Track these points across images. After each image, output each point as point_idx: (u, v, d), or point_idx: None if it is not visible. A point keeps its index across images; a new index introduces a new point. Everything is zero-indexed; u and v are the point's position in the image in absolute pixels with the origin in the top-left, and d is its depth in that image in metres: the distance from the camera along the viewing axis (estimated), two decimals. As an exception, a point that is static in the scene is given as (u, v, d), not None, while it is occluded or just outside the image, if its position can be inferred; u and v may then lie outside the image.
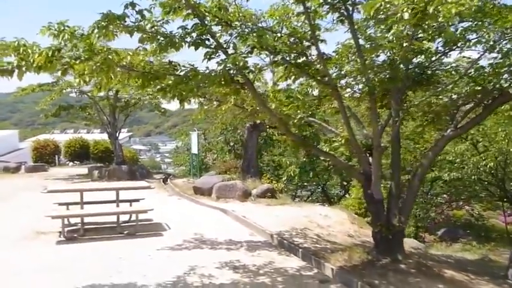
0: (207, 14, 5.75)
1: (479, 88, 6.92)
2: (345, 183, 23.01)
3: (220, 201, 12.61)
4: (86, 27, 5.69)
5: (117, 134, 20.36)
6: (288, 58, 6.55)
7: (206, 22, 5.78)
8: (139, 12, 5.31)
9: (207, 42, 5.70)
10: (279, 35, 6.39)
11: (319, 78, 6.62)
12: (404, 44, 5.31)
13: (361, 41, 6.64)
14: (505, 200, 18.52)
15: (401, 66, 6.40)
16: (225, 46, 5.91)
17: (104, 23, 5.31)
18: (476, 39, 6.40)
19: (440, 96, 7.92)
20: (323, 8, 6.53)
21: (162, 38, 5.56)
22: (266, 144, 23.22)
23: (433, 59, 7.17)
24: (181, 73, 5.95)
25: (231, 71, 5.57)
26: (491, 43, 6.32)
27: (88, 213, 9.12)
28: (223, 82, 5.50)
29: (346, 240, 8.99)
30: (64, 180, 18.39)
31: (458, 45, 6.38)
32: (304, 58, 6.76)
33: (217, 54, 5.76)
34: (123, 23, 5.26)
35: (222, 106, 7.24)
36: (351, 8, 6.33)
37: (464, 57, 7.06)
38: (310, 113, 8.00)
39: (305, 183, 22.32)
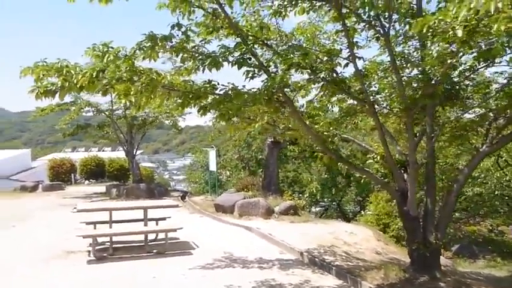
0: (249, 33, 5.80)
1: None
2: (360, 199, 22.89)
3: (243, 219, 12.55)
4: (128, 47, 5.78)
5: (134, 152, 20.45)
6: (323, 75, 6.58)
7: (248, 42, 5.83)
8: (184, 33, 5.38)
9: (249, 61, 5.73)
10: (316, 52, 6.39)
11: (356, 95, 6.63)
12: (449, 61, 5.30)
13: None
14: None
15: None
16: (265, 65, 5.94)
17: (148, 44, 5.37)
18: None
19: (469, 111, 7.94)
20: (359, 25, 6.60)
21: (204, 57, 5.59)
22: (280, 161, 23.21)
23: (467, 74, 7.17)
24: (221, 92, 5.98)
25: (273, 90, 5.59)
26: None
27: (118, 232, 9.10)
28: (266, 101, 5.50)
29: (375, 258, 8.90)
30: (82, 199, 18.42)
31: (496, 60, 6.36)
32: (334, 75, 6.81)
33: (260, 73, 5.79)
34: (169, 43, 5.31)
35: (253, 124, 7.22)
36: (387, 25, 6.38)
37: (500, 72, 7.06)
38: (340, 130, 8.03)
39: (322, 200, 22.23)
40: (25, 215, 14.18)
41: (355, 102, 7.48)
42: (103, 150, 49.26)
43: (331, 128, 7.67)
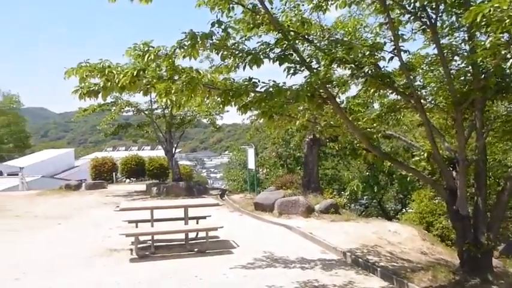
0: (291, 29, 5.66)
1: None
2: (401, 196, 22.35)
3: (283, 218, 12.43)
4: (168, 46, 5.75)
5: (174, 151, 20.65)
6: (366, 70, 6.36)
7: (289, 37, 5.69)
8: (225, 30, 5.29)
9: (290, 57, 5.59)
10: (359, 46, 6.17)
11: (401, 90, 6.38)
12: (503, 52, 5.00)
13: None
14: None
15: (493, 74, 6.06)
16: (307, 60, 5.79)
17: (189, 42, 5.31)
18: None
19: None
20: (403, 17, 6.35)
21: (244, 55, 5.49)
22: (318, 158, 22.95)
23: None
24: (262, 89, 5.87)
25: (316, 86, 5.43)
26: None
27: (160, 231, 9.15)
28: (308, 97, 5.35)
29: (421, 258, 8.59)
30: (124, 197, 18.73)
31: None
32: (377, 70, 6.57)
33: (302, 69, 5.64)
34: (209, 41, 5.24)
35: (293, 122, 7.07)
36: (434, 16, 6.10)
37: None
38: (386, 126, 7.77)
39: (361, 198, 21.84)
40: (70, 213, 14.55)
41: (398, 98, 7.23)
42: (143, 149, 50.33)
43: (374, 124, 7.43)
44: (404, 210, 22.49)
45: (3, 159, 52.02)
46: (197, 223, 10.02)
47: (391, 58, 6.26)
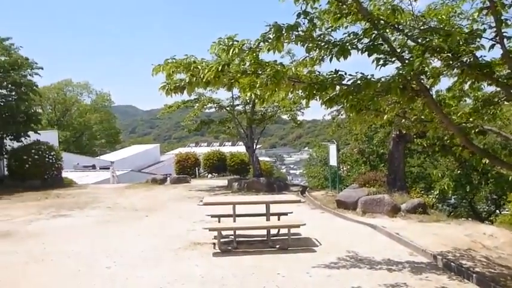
0: (381, 17, 5.34)
1: None
2: (495, 197, 20.80)
3: (366, 216, 12.00)
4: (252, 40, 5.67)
5: (254, 147, 20.80)
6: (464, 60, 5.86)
7: (379, 26, 5.37)
8: (311, 21, 5.10)
9: (380, 47, 5.28)
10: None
11: (504, 82, 5.80)
12: None
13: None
14: None
15: None
16: (398, 51, 5.44)
17: (273, 35, 5.18)
18: None
19: None
20: (507, 0, 5.76)
21: (331, 46, 5.26)
22: (404, 155, 21.98)
23: None
24: (348, 82, 5.60)
25: (409, 77, 5.07)
26: None
27: (242, 226, 9.18)
28: (400, 90, 5.01)
29: (522, 265, 7.84)
30: (206, 192, 19.19)
31: None
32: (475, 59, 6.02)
33: (392, 60, 5.30)
34: (294, 33, 5.07)
35: (380, 116, 6.70)
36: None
37: None
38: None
39: (449, 198, 20.61)
40: (156, 206, 15.12)
41: (497, 90, 6.61)
42: (224, 145, 51.46)
43: (470, 119, 6.86)
44: (498, 211, 20.94)
45: (96, 154, 55.78)
46: (278, 219, 9.93)
47: (492, 46, 5.69)
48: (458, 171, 16.49)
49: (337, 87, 5.62)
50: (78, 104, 65.50)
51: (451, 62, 5.72)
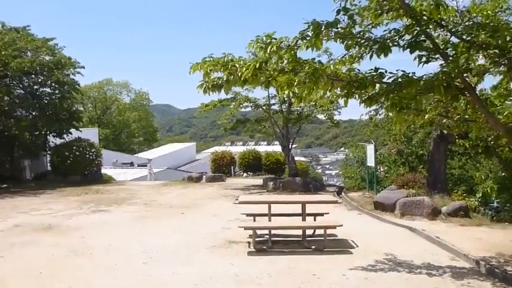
0: (424, 13, 5.16)
1: None
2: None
3: (405, 219, 11.70)
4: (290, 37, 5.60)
5: (290, 146, 20.69)
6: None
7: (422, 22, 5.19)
8: (350, 17, 4.98)
9: (423, 43, 5.10)
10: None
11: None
12: None
13: None
14: None
15: None
16: (442, 47, 5.24)
17: (312, 32, 5.09)
18: None
19: None
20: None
21: (371, 43, 5.12)
22: (445, 156, 21.30)
23: None
24: (389, 80, 5.45)
25: (453, 75, 4.88)
26: None
27: (277, 225, 9.11)
28: (444, 88, 4.82)
29: None
30: (241, 191, 19.21)
31: None
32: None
33: (435, 57, 5.12)
34: (334, 30, 4.97)
35: (422, 115, 6.49)
36: None
37: None
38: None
39: (492, 201, 19.80)
40: (191, 204, 15.27)
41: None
42: (259, 144, 51.54)
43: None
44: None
45: (134, 151, 56.98)
46: (314, 220, 9.81)
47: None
48: (503, 174, 15.78)
49: (377, 86, 5.48)
50: (117, 102, 67.14)
51: (497, 59, 5.47)
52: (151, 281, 6.89)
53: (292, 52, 5.52)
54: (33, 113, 22.87)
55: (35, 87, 23.27)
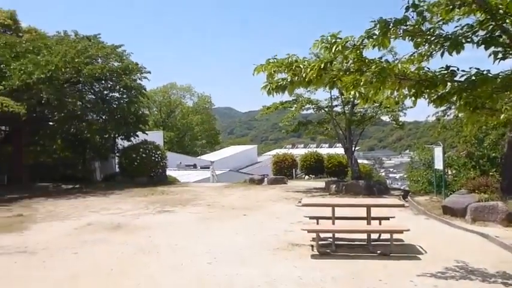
0: (499, 7, 4.88)
1: None
2: None
3: (477, 225, 11.10)
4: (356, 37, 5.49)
5: (353, 149, 20.32)
6: None
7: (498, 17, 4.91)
8: (420, 14, 4.79)
9: (499, 39, 4.82)
10: None
11: None
12: None
13: None
14: None
15: None
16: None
17: (379, 31, 4.96)
18: None
19: None
20: None
21: (442, 40, 4.90)
22: None
23: None
24: (461, 78, 5.19)
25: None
26: None
27: (341, 229, 8.96)
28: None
29: None
30: (303, 193, 19.11)
31: None
32: None
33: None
34: (402, 27, 4.81)
35: (496, 116, 6.12)
36: None
37: None
38: None
39: None
40: (253, 206, 15.37)
41: None
42: (321, 147, 51.12)
43: None
44: None
45: (197, 154, 58.34)
46: (380, 224, 9.55)
47: None
48: None
49: (448, 85, 5.24)
50: (181, 106, 69.15)
51: None
52: (215, 281, 6.99)
53: (358, 51, 5.40)
54: (103, 117, 24.01)
55: (105, 92, 24.44)
